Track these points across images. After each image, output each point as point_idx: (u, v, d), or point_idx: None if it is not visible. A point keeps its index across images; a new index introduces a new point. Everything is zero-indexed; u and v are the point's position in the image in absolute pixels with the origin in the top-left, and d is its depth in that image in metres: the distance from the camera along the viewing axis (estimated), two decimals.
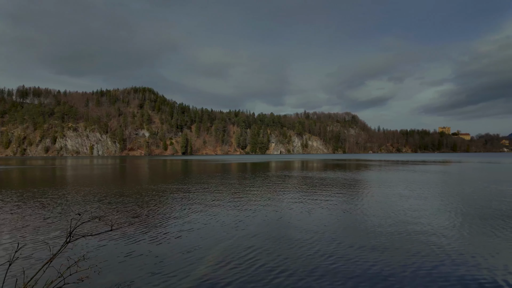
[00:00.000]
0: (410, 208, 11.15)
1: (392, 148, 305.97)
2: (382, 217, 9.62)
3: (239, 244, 7.07)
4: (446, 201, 12.49)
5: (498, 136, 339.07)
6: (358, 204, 12.10)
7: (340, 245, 6.92)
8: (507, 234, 7.68)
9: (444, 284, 4.91)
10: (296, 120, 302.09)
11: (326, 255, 6.28)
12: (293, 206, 11.77)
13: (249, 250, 6.65)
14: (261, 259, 6.08)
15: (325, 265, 5.75)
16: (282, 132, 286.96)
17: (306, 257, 6.15)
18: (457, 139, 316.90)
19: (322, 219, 9.45)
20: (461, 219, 9.32)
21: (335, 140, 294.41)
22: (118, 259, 6.13)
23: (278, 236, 7.66)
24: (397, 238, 7.41)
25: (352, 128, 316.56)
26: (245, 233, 7.95)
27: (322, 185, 18.74)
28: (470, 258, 6.02)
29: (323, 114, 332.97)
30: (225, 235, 7.84)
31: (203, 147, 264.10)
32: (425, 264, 5.75)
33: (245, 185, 19.09)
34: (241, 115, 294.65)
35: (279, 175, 26.43)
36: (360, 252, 6.41)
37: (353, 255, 6.23)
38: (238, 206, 11.77)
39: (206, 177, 24.95)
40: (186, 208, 11.56)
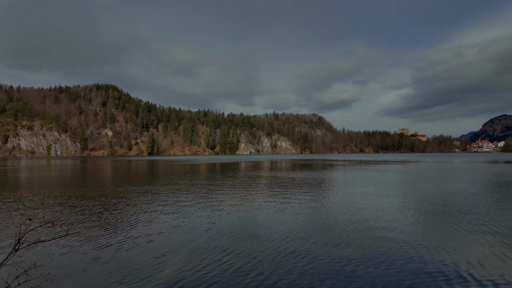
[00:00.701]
0: (375, 205, 11.64)
1: (356, 148, 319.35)
2: (349, 215, 9.94)
3: (209, 245, 6.92)
4: (407, 199, 13.21)
5: (451, 137, 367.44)
6: (326, 202, 12.41)
7: (310, 243, 7.01)
8: (463, 228, 8.26)
9: (411, 277, 5.14)
10: (266, 121, 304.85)
11: (295, 253, 6.33)
12: (263, 206, 11.79)
13: (219, 251, 6.52)
14: (231, 260, 5.98)
15: (295, 263, 5.79)
16: (252, 133, 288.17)
17: (276, 256, 6.16)
18: (415, 140, 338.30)
19: (291, 218, 9.55)
20: (421, 215, 9.89)
21: (302, 140, 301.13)
22: (74, 266, 5.71)
23: (249, 236, 7.61)
24: (364, 234, 7.67)
25: (318, 129, 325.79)
26: (215, 234, 7.80)
27: (291, 184, 19.02)
28: (433, 251, 6.38)
29: (292, 115, 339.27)
30: (194, 236, 7.63)
31: (170, 147, 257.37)
32: (392, 258, 5.99)
33: (215, 185, 18.84)
34: (211, 115, 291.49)
35: (250, 175, 26.43)
36: (331, 250, 6.54)
37: (324, 253, 6.34)
38: (208, 207, 11.56)
39: (174, 178, 24.29)
40: (152, 210, 11.13)
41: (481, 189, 16.14)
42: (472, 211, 10.42)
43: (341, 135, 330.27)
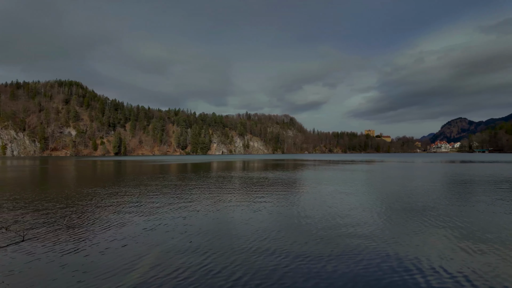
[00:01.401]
0: (345, 204, 12.00)
1: (325, 148, 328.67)
2: (321, 214, 10.17)
3: (182, 246, 6.74)
4: (375, 197, 13.77)
5: (413, 138, 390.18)
6: (298, 201, 12.60)
7: (284, 242, 7.07)
8: (428, 223, 8.74)
9: (384, 272, 5.34)
10: (238, 121, 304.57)
11: (270, 252, 6.35)
12: (236, 206, 11.72)
13: (193, 252, 6.37)
14: (205, 261, 5.87)
15: (270, 263, 5.80)
16: (224, 133, 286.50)
17: (250, 256, 6.14)
18: (380, 141, 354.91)
19: (266, 218, 9.58)
20: (389, 212, 10.34)
21: (274, 141, 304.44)
22: (30, 275, 5.31)
23: (222, 236, 7.52)
24: (336, 232, 7.87)
25: (290, 130, 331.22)
26: (188, 235, 7.62)
27: (265, 184, 19.13)
28: (403, 246, 6.69)
29: (264, 116, 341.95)
30: (167, 238, 7.40)
31: (139, 147, 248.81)
32: (364, 254, 6.20)
33: (187, 186, 18.46)
34: (182, 114, 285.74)
35: (223, 176, 26.22)
36: (305, 248, 6.62)
37: (298, 251, 6.42)
38: (181, 208, 11.28)
39: (144, 179, 23.48)
40: (122, 212, 10.65)
41: (442, 187, 17.23)
42: (435, 207, 11.08)
43: (311, 136, 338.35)
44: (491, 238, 7.24)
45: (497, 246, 6.69)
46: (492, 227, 8.30)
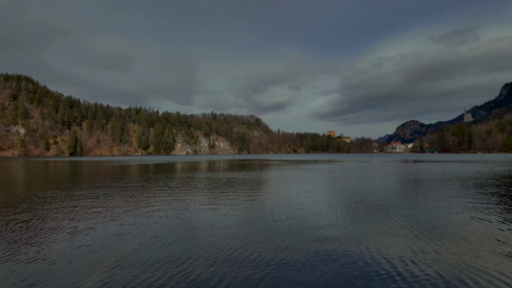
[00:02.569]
0: (310, 203, 12.28)
1: (289, 149, 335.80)
2: (288, 214, 10.30)
3: (140, 252, 6.41)
4: (338, 196, 14.27)
5: (370, 139, 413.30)
6: (264, 202, 12.66)
7: (250, 244, 7.02)
8: (388, 222, 9.21)
9: (351, 270, 5.49)
10: (204, 121, 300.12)
11: (236, 256, 6.26)
12: (201, 208, 11.48)
13: (153, 257, 6.09)
14: (164, 266, 5.63)
15: (236, 266, 5.72)
16: (189, 132, 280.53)
17: (215, 260, 6.01)
18: (341, 142, 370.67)
19: (231, 219, 9.48)
20: (352, 211, 10.75)
21: (240, 141, 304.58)
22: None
23: (185, 240, 7.29)
24: (302, 231, 8.00)
25: (256, 130, 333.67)
26: (149, 240, 7.28)
27: (230, 185, 18.99)
28: (366, 244, 6.96)
29: (230, 116, 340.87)
30: (126, 243, 7.01)
31: (96, 147, 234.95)
32: (332, 254, 6.34)
33: (148, 188, 17.73)
34: (143, 112, 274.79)
35: (187, 177, 25.60)
36: (272, 250, 6.63)
37: (264, 253, 6.40)
38: (141, 211, 10.78)
39: (102, 181, 22.17)
40: (77, 217, 9.91)
41: (399, 186, 18.35)
42: (395, 205, 11.74)
43: (276, 136, 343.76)
44: (447, 233, 7.82)
45: (452, 239, 7.24)
46: (446, 222, 8.99)
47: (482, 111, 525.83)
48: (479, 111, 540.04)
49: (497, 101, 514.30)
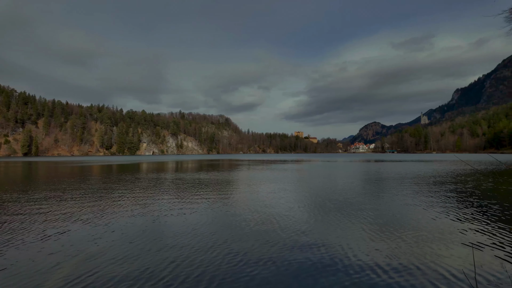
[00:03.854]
0: (279, 203, 12.42)
1: (259, 149, 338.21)
2: (257, 214, 10.32)
3: (104, 254, 6.06)
4: (306, 195, 14.58)
5: (335, 140, 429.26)
6: (234, 202, 12.59)
7: (219, 244, 6.93)
8: (351, 219, 9.54)
9: (311, 267, 5.59)
10: (171, 120, 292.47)
11: (204, 256, 6.14)
12: (168, 209, 11.15)
13: (116, 259, 5.78)
14: (128, 269, 5.37)
15: (203, 267, 5.61)
16: (155, 132, 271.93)
17: (182, 261, 5.85)
18: (308, 142, 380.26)
19: (199, 220, 9.31)
20: (319, 210, 11.02)
21: (209, 141, 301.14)
22: None
23: (150, 242, 7.01)
24: (271, 231, 8.04)
25: (225, 130, 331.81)
26: (112, 242, 6.91)
27: (199, 185, 18.67)
28: (328, 242, 7.14)
29: (199, 115, 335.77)
30: (87, 245, 6.58)
31: (54, 146, 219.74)
32: (293, 250, 6.43)
33: (112, 189, 16.89)
34: (106, 110, 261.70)
35: (153, 178, 24.76)
36: (240, 250, 6.59)
37: (233, 252, 6.34)
38: (104, 213, 10.23)
39: (60, 183, 20.74)
40: (33, 221, 9.15)
41: (362, 184, 19.17)
42: (358, 203, 12.22)
43: (246, 136, 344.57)
44: (407, 227, 8.28)
45: (411, 233, 7.68)
46: (406, 217, 9.52)
47: (436, 114, 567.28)
48: (434, 114, 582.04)
49: (449, 105, 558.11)
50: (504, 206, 11.06)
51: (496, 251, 6.27)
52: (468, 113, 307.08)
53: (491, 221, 8.88)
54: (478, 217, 9.42)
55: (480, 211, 10.24)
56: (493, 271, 5.21)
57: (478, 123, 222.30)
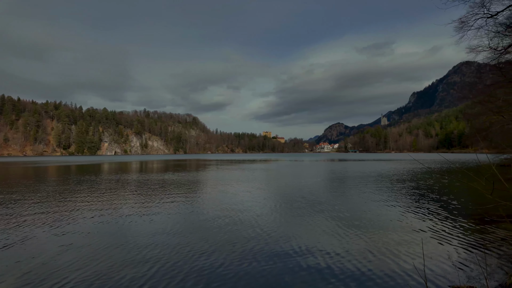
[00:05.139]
0: (247, 202, 12.55)
1: (227, 148, 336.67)
2: (224, 213, 10.35)
3: (60, 260, 5.76)
4: (274, 194, 14.87)
5: (302, 140, 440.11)
6: (201, 203, 12.52)
7: (184, 247, 6.88)
8: (317, 216, 9.92)
9: (278, 265, 5.76)
10: (135, 118, 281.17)
11: (169, 259, 6.07)
12: (131, 212, 10.81)
13: (74, 265, 5.53)
14: (87, 275, 5.19)
15: (167, 271, 5.57)
16: (118, 131, 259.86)
17: (143, 264, 5.75)
18: (276, 142, 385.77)
19: (165, 223, 9.14)
20: (287, 208, 11.31)
21: (176, 140, 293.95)
22: None
23: (113, 246, 6.78)
24: (239, 231, 8.13)
25: (193, 130, 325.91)
26: (69, 247, 6.58)
27: (164, 187, 18.26)
28: (292, 237, 7.38)
29: (165, 114, 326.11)
30: (43, 251, 6.22)
31: (4, 146, 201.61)
32: (261, 249, 6.57)
33: (68, 193, 15.97)
34: (64, 108, 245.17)
35: (114, 179, 23.74)
36: (208, 251, 6.58)
37: (201, 253, 6.34)
38: (62, 217, 9.67)
39: (9, 186, 19.18)
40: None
41: (327, 182, 19.93)
42: (322, 200, 12.71)
43: (214, 136, 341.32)
44: (367, 222, 8.80)
45: (370, 228, 8.19)
46: (367, 213, 10.11)
47: (395, 115, 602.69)
48: (393, 115, 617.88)
49: (406, 107, 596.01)
50: (449, 202, 12.16)
51: (444, 243, 6.91)
52: (423, 115, 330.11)
53: (439, 216, 9.74)
54: (428, 212, 10.27)
55: (430, 207, 11.17)
56: (441, 262, 5.76)
57: (431, 125, 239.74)
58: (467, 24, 12.70)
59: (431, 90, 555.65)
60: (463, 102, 52.93)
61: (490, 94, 27.52)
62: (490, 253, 6.05)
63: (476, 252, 6.12)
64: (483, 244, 6.68)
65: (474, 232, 7.69)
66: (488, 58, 24.44)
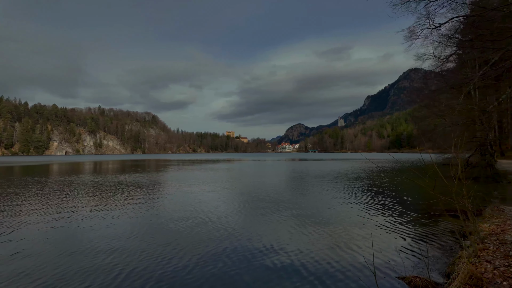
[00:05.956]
0: (210, 203, 12.40)
1: (189, 148, 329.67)
2: (186, 215, 10.13)
3: (7, 269, 5.23)
4: (237, 194, 14.86)
5: (264, 140, 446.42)
6: (161, 205, 12.12)
7: (143, 250, 6.61)
8: (278, 215, 10.09)
9: (240, 265, 5.76)
10: (89, 116, 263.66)
11: (127, 263, 5.81)
12: (86, 216, 10.12)
13: (24, 275, 5.05)
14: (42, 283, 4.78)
15: (131, 271, 5.31)
16: (69, 129, 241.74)
17: (100, 271, 5.42)
18: (239, 142, 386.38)
19: (122, 226, 8.71)
20: (248, 207, 11.37)
21: (134, 140, 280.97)
22: None
23: (67, 252, 6.31)
24: (203, 232, 8.00)
25: (152, 129, 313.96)
26: (19, 254, 5.99)
27: (121, 188, 17.37)
28: (256, 236, 7.44)
29: (122, 112, 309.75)
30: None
31: None
32: (223, 250, 6.53)
33: (14, 195, 14.51)
34: (6, 103, 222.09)
35: (66, 181, 22.06)
36: (171, 253, 6.39)
37: (160, 257, 6.12)
38: (4, 223, 8.76)
39: None
40: None
41: (289, 182, 20.40)
42: (286, 200, 12.98)
43: (175, 136, 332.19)
44: (327, 219, 9.15)
45: (331, 224, 8.53)
46: (326, 210, 10.51)
47: (351, 117, 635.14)
48: (349, 117, 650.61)
49: (361, 110, 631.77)
50: (399, 198, 13.13)
51: (392, 237, 7.44)
52: (377, 117, 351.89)
53: (389, 211, 10.47)
54: (380, 208, 10.99)
55: (382, 203, 11.96)
56: (390, 254, 6.19)
57: (384, 127, 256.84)
58: (415, 34, 13.79)
59: (383, 94, 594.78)
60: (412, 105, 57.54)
61: (434, 99, 30.19)
62: (432, 245, 6.63)
63: (420, 244, 6.68)
64: (426, 236, 7.31)
65: (419, 225, 8.39)
66: (432, 65, 26.82)
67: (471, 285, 3.74)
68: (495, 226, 6.71)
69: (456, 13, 12.85)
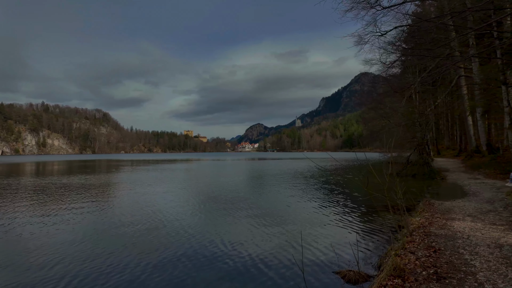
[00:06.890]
0: (165, 204, 12.16)
1: (144, 148, 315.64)
2: (138, 216, 9.86)
3: None
4: (194, 195, 14.73)
5: (224, 139, 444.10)
6: (112, 208, 11.64)
7: (95, 256, 6.29)
8: (235, 214, 10.18)
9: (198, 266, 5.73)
10: (30, 113, 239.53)
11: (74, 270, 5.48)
12: (30, 221, 9.30)
13: None
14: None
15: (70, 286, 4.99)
16: (7, 127, 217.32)
17: (46, 282, 5.08)
18: (198, 141, 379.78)
19: (71, 231, 8.21)
20: (207, 207, 11.36)
21: (83, 139, 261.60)
22: None
23: (6, 262, 5.79)
24: (158, 234, 7.84)
25: (103, 127, 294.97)
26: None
27: (69, 191, 16.17)
28: (213, 235, 7.48)
29: (69, 109, 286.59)
30: None
31: None
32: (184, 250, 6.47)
33: None
34: None
35: (3, 184, 19.90)
36: (120, 257, 6.16)
37: (114, 263, 5.87)
38: None
39: None
40: None
41: (249, 180, 20.62)
42: (242, 198, 13.19)
43: (129, 134, 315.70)
44: (284, 216, 9.44)
45: (287, 221, 8.81)
46: (285, 208, 10.84)
47: (308, 118, 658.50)
48: (305, 118, 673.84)
49: (317, 111, 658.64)
50: (340, 195, 13.99)
51: (323, 235, 7.94)
52: (331, 118, 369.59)
53: (335, 209, 11.13)
54: (322, 205, 11.64)
55: (326, 200, 12.67)
56: (326, 251, 6.60)
57: (337, 127, 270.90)
58: (363, 40, 14.78)
59: (337, 96, 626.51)
60: (362, 107, 61.41)
61: (381, 102, 32.62)
62: (367, 239, 7.21)
63: (356, 239, 7.20)
64: (363, 231, 7.94)
65: (358, 222, 9.05)
66: (379, 70, 28.95)
67: (395, 276, 4.02)
68: (424, 220, 7.47)
69: (399, 23, 14.04)
